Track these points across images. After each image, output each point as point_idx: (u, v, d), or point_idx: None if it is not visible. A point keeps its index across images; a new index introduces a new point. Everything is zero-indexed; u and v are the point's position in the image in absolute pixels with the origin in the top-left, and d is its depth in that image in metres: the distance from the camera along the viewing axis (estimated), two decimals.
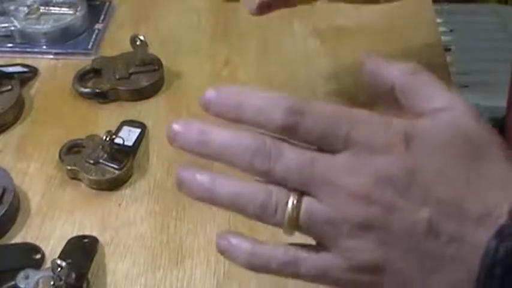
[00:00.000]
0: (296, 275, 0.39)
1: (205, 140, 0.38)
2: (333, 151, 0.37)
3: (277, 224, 0.37)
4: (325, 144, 0.37)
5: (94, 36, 0.77)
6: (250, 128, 0.38)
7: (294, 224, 0.37)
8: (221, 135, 0.38)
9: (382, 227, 0.37)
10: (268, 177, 0.37)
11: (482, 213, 0.37)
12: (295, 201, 0.37)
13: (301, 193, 0.37)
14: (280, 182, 0.37)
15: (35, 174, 0.61)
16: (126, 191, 0.60)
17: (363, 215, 0.36)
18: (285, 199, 0.37)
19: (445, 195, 0.37)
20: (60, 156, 0.62)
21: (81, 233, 0.56)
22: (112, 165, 0.60)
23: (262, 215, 0.38)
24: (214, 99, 0.38)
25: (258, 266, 0.39)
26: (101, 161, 0.60)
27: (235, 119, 0.38)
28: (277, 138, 0.37)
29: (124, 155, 0.61)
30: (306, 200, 0.37)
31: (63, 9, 0.77)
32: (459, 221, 0.37)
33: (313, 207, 0.37)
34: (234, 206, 0.38)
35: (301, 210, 0.37)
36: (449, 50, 1.39)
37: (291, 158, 0.37)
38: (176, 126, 0.39)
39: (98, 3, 0.81)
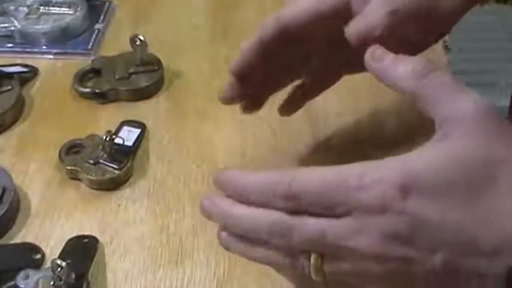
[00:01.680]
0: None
1: (231, 224, 0.43)
2: (338, 216, 0.39)
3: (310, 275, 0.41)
4: (328, 214, 0.39)
5: (94, 36, 0.77)
6: None
7: (322, 276, 0.40)
8: (241, 218, 0.42)
9: (403, 276, 0.38)
10: (290, 249, 0.41)
11: (496, 247, 0.37)
12: (318, 262, 0.40)
13: (322, 255, 0.40)
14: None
15: (35, 174, 0.61)
16: (126, 191, 0.60)
17: (382, 270, 0.38)
18: (308, 262, 0.40)
19: (454, 237, 0.37)
20: (60, 156, 0.62)
21: (81, 233, 0.56)
22: (112, 165, 0.60)
23: (295, 271, 0.42)
24: (220, 186, 0.43)
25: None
26: (100, 161, 0.60)
27: (245, 203, 0.42)
28: (288, 213, 0.40)
29: (124, 155, 0.61)
30: (328, 260, 0.40)
31: (63, 9, 0.77)
32: (474, 257, 0.37)
33: (336, 266, 0.40)
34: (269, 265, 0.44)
35: (325, 268, 0.40)
36: (449, 50, 1.39)
37: (302, 233, 0.40)
38: (206, 204, 0.44)
39: (97, 3, 0.81)
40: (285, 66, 0.58)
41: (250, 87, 0.57)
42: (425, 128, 0.63)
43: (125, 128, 0.64)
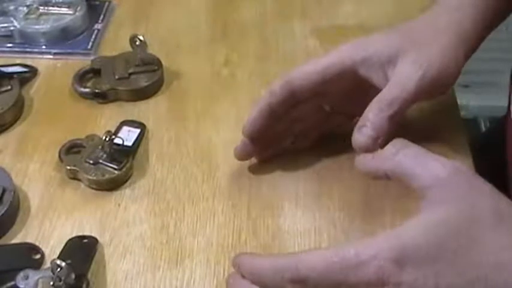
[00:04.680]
0: None
1: None
2: None
3: None
4: None
5: (93, 36, 0.77)
6: None
7: None
8: None
9: None
10: None
11: None
12: None
13: None
14: None
15: (34, 175, 0.61)
16: (125, 191, 0.60)
17: None
18: None
19: None
20: (59, 157, 0.62)
21: (80, 233, 0.56)
22: (111, 165, 0.60)
23: None
24: (237, 269, 0.46)
25: None
26: (100, 161, 0.60)
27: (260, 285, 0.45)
28: None
29: (123, 155, 0.61)
30: None
31: (62, 9, 0.77)
32: None
33: None
34: None
35: None
36: None
37: None
38: (230, 282, 0.47)
39: (97, 3, 0.81)
40: (297, 120, 0.60)
41: (264, 143, 0.60)
42: (424, 129, 0.63)
43: (125, 128, 0.64)
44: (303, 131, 0.62)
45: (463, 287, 0.40)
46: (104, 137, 0.60)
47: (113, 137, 0.60)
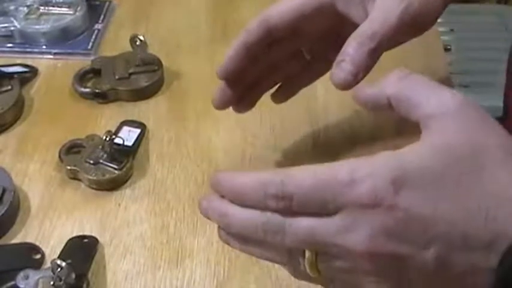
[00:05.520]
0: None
1: (226, 223, 0.42)
2: (329, 214, 0.38)
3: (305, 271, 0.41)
4: (320, 213, 0.38)
5: (94, 36, 0.77)
6: None
7: (318, 273, 0.40)
8: (236, 218, 0.41)
9: (395, 273, 0.38)
10: (286, 247, 0.41)
11: (491, 240, 0.37)
12: (312, 260, 0.40)
13: (316, 252, 0.40)
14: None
15: (34, 175, 0.61)
16: (126, 191, 0.60)
17: (373, 267, 0.38)
18: (303, 259, 0.40)
19: (446, 232, 0.37)
20: (60, 157, 0.62)
21: (81, 233, 0.56)
22: (112, 165, 0.60)
23: (293, 267, 0.42)
24: (215, 187, 0.42)
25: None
26: (100, 161, 0.60)
27: (239, 203, 0.41)
28: (280, 213, 0.40)
29: (124, 155, 0.61)
30: (321, 258, 0.40)
31: (62, 9, 0.77)
32: (468, 251, 0.37)
33: (328, 263, 0.40)
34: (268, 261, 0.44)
35: (319, 266, 0.40)
36: (449, 50, 1.39)
37: (293, 233, 0.39)
38: (203, 204, 0.43)
39: (97, 3, 0.81)
40: (275, 64, 0.58)
41: (242, 89, 0.58)
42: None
43: (125, 128, 0.64)
44: (285, 80, 0.60)
45: (462, 217, 0.37)
46: (104, 137, 0.60)
47: (113, 137, 0.60)
